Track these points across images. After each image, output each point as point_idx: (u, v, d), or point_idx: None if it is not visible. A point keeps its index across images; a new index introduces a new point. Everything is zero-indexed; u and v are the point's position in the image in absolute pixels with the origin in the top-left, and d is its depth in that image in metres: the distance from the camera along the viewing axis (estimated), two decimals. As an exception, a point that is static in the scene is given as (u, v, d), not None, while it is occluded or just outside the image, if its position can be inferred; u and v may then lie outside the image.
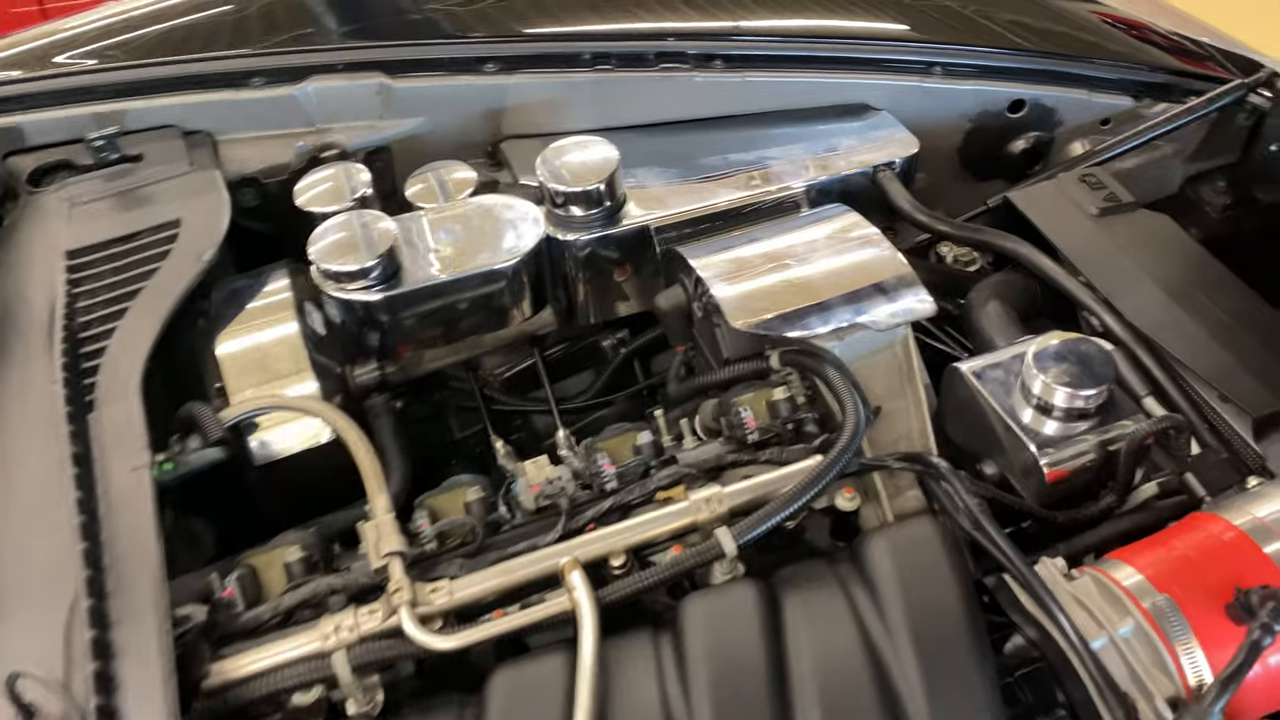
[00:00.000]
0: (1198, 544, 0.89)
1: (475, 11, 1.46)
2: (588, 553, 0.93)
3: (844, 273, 1.16)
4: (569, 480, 1.02)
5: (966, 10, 1.53)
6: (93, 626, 0.81)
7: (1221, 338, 1.15)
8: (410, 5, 1.50)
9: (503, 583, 0.92)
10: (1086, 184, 1.33)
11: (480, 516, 0.99)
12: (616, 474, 1.01)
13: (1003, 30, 1.51)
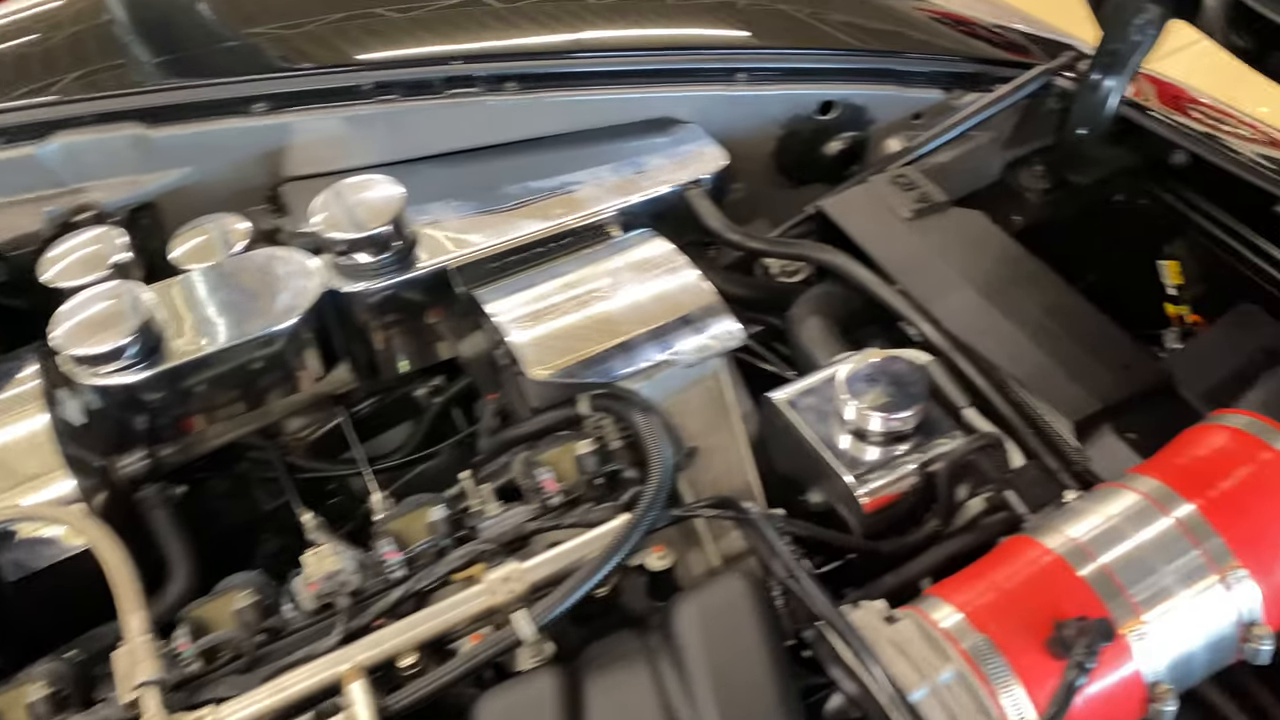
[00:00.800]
0: (1015, 573, 0.85)
1: (238, 48, 1.34)
2: (373, 655, 0.84)
3: (648, 306, 1.09)
4: (353, 572, 0.92)
5: (767, 10, 1.48)
6: None
7: (1038, 338, 1.12)
8: (165, 46, 1.36)
9: (276, 702, 0.81)
10: (898, 185, 1.29)
11: (252, 624, 0.88)
12: (405, 560, 0.92)
13: (807, 28, 1.46)
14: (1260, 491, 0.86)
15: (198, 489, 1.16)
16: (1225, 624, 0.83)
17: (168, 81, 1.28)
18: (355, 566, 0.92)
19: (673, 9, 1.46)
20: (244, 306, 1.10)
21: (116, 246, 1.16)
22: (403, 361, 1.25)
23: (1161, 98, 1.55)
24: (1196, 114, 1.56)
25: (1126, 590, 0.83)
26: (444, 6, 1.40)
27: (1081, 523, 0.87)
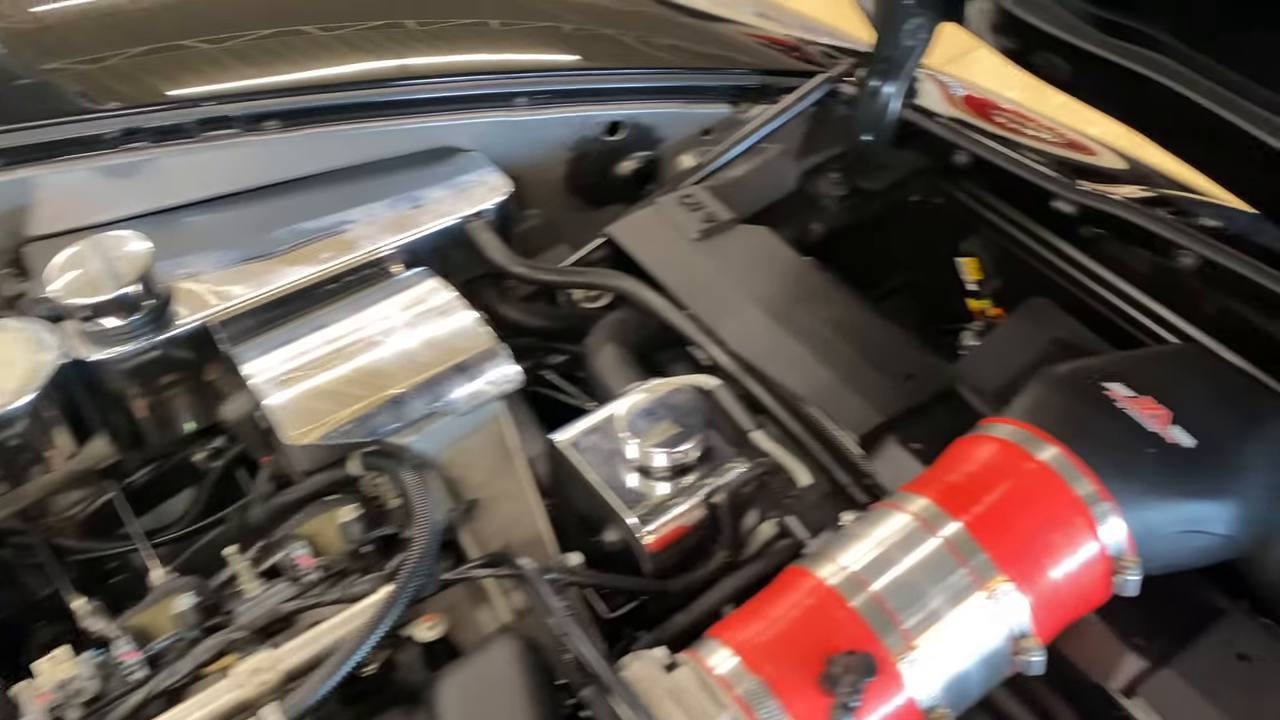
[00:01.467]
0: (789, 609, 0.83)
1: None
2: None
3: (421, 354, 1.03)
4: (89, 678, 0.84)
5: (548, 32, 1.44)
6: None
7: (824, 354, 1.11)
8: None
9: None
10: (685, 206, 1.27)
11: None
12: (147, 659, 0.85)
13: (589, 49, 1.42)
14: (1022, 504, 0.87)
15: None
16: (996, 640, 0.83)
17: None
18: (92, 671, 0.84)
19: (447, 34, 1.40)
20: None
21: None
22: (188, 423, 1.17)
23: (969, 105, 1.59)
24: (1000, 119, 1.60)
25: (897, 617, 0.82)
26: (198, 43, 1.31)
27: (853, 549, 0.86)
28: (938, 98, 1.56)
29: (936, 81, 1.60)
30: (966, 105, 1.61)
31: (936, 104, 1.52)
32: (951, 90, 1.61)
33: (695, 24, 1.58)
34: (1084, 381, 0.96)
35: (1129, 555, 0.85)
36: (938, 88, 1.59)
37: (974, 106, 1.62)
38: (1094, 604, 0.88)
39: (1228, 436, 0.93)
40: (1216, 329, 1.22)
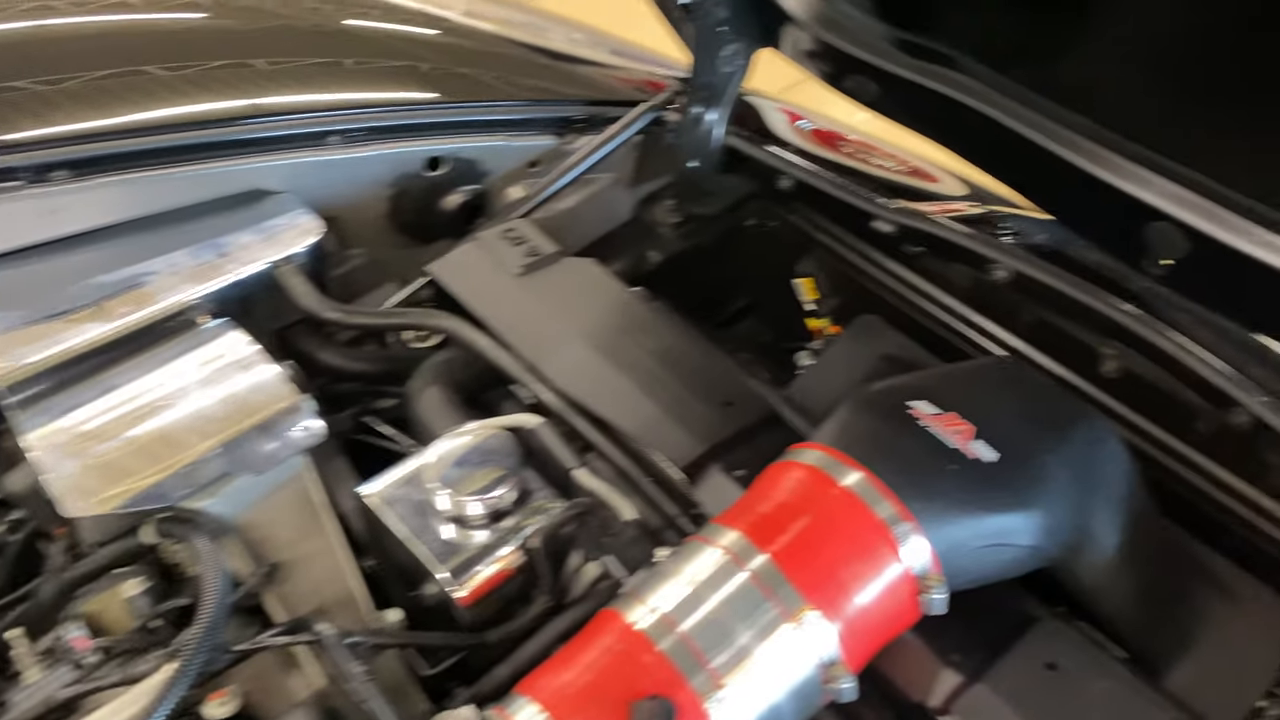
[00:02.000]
0: (598, 657, 0.81)
1: None
2: None
3: (216, 414, 0.98)
4: None
5: (363, 68, 1.40)
6: None
7: (648, 386, 1.10)
8: None
9: None
10: (508, 240, 1.25)
11: None
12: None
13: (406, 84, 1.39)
14: (827, 531, 0.86)
15: None
16: (805, 670, 0.82)
17: None
18: None
19: (255, 75, 1.35)
20: None
21: None
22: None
23: (818, 137, 1.61)
24: (847, 149, 1.63)
25: (704, 657, 0.80)
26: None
27: (663, 589, 0.84)
28: (786, 129, 1.58)
29: (786, 113, 1.63)
30: (814, 138, 1.64)
31: (786, 135, 1.54)
32: (800, 125, 1.64)
33: (519, 56, 1.56)
34: (889, 401, 0.96)
35: (933, 574, 0.86)
36: (787, 120, 1.62)
37: (822, 138, 1.65)
38: (904, 624, 0.88)
39: (1031, 449, 0.94)
40: (1033, 338, 1.26)
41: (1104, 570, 1.01)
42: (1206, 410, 1.12)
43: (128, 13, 1.49)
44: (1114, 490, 1.01)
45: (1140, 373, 1.17)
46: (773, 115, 1.60)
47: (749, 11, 1.29)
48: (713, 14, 1.27)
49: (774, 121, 1.60)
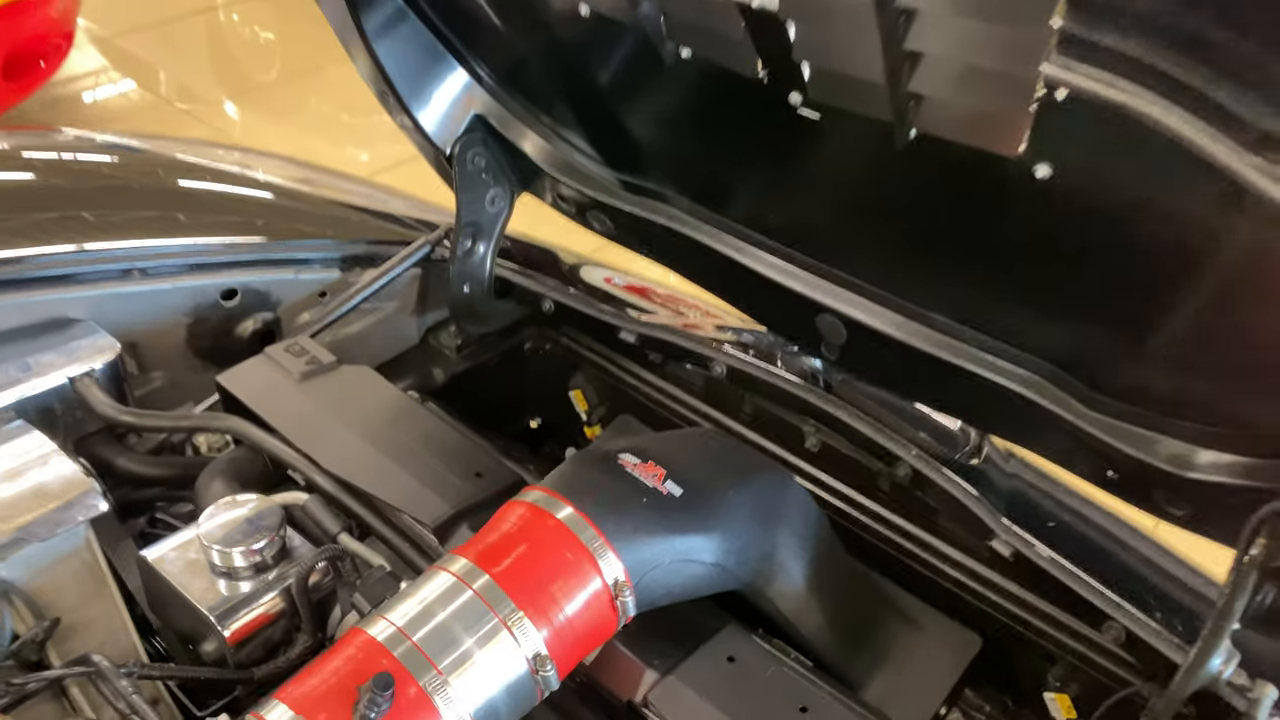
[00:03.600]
0: (342, 662, 0.95)
1: None
2: None
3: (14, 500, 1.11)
4: None
5: (166, 215, 1.60)
6: None
7: (409, 465, 1.28)
8: None
9: None
10: (291, 353, 1.43)
11: None
12: None
13: (205, 225, 1.59)
14: (540, 554, 1.05)
15: None
16: (519, 669, 0.99)
17: None
18: None
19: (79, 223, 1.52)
20: None
21: None
22: None
23: (630, 289, 1.88)
24: (657, 298, 1.90)
25: (433, 660, 0.96)
26: None
27: (400, 608, 1.00)
28: (601, 281, 1.85)
29: (602, 271, 1.90)
30: (628, 290, 1.91)
31: (602, 289, 1.81)
32: (614, 279, 1.91)
33: (310, 205, 1.79)
34: (601, 455, 1.17)
35: (624, 584, 1.05)
36: (603, 279, 1.89)
37: (634, 291, 1.92)
38: (607, 628, 1.06)
39: (711, 487, 1.16)
40: (751, 423, 1.51)
41: (796, 598, 1.22)
42: (879, 468, 1.37)
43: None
44: (797, 528, 1.23)
45: (833, 444, 1.43)
46: (592, 274, 1.88)
47: (505, 161, 1.55)
48: (474, 163, 1.53)
49: (593, 278, 1.87)
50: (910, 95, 0.92)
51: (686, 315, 1.93)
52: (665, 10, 1.07)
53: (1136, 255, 0.94)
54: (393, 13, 1.38)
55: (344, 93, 5.14)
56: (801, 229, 1.35)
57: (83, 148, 1.81)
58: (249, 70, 5.75)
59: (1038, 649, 1.29)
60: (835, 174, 1.20)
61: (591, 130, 1.45)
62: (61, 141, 1.87)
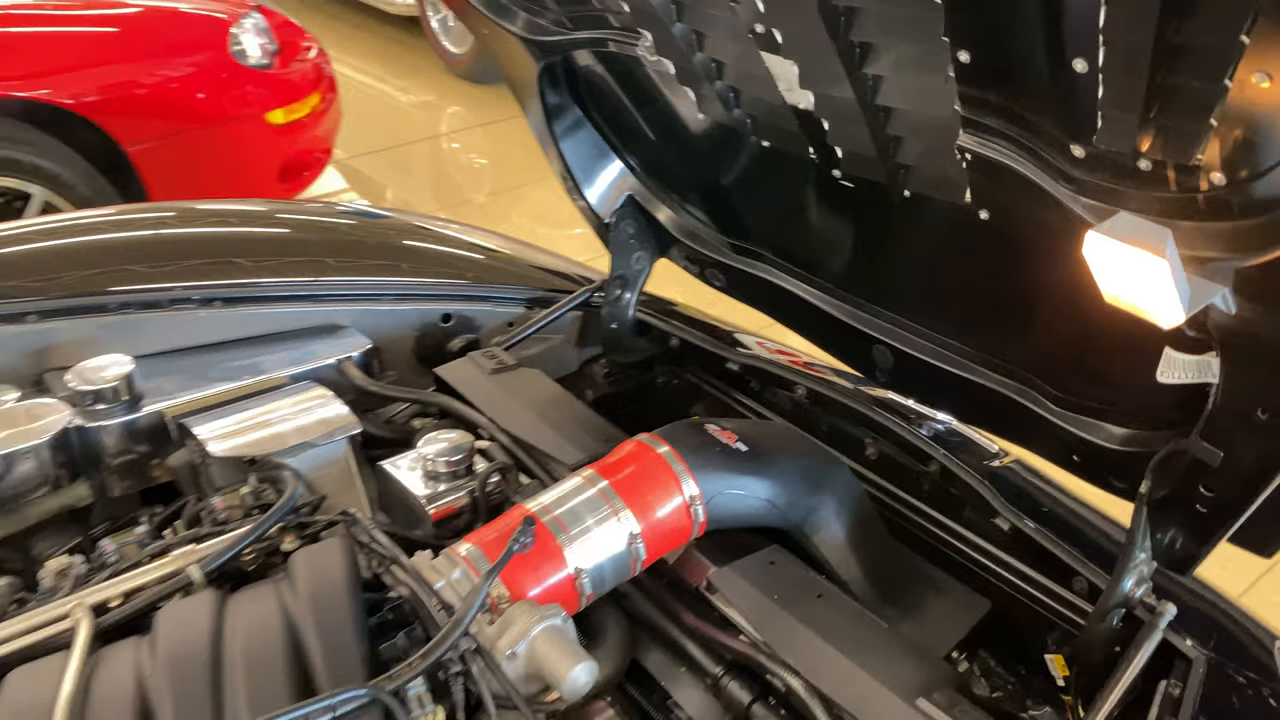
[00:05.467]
0: (508, 522, 1.44)
1: (22, 278, 1.91)
2: (95, 599, 1.31)
3: (302, 420, 1.68)
4: (80, 565, 1.40)
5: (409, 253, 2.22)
6: None
7: (557, 428, 1.77)
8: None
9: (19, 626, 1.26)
10: (486, 356, 1.98)
11: (6, 592, 1.34)
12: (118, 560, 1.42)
13: (434, 267, 2.20)
14: (642, 472, 1.52)
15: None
16: (620, 545, 1.45)
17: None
18: (81, 561, 1.40)
19: (341, 250, 2.16)
20: (19, 431, 1.60)
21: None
22: (130, 481, 1.74)
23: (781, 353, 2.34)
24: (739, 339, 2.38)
25: (565, 526, 1.44)
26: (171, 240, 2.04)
27: (547, 495, 1.49)
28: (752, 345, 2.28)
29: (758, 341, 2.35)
30: (779, 353, 2.36)
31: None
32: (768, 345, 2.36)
33: (505, 260, 2.38)
34: (695, 422, 1.65)
35: (698, 499, 1.50)
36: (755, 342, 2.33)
37: (769, 351, 2.39)
38: (685, 531, 1.51)
39: (769, 449, 1.61)
40: (826, 438, 1.93)
41: (836, 549, 1.63)
42: (918, 468, 1.77)
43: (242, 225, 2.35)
44: (840, 496, 1.65)
45: (887, 452, 1.84)
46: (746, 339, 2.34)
47: (648, 230, 2.09)
48: (625, 231, 2.07)
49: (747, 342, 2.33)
50: (899, 165, 1.39)
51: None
52: (751, 114, 1.58)
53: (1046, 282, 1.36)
54: (574, 121, 1.96)
55: (540, 208, 5.98)
56: (853, 276, 1.81)
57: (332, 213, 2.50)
58: (463, 190, 6.67)
59: (1037, 617, 1.63)
60: (868, 230, 1.67)
61: (708, 205, 1.97)
62: (327, 209, 2.56)
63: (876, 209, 1.55)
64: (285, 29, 4.37)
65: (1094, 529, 1.66)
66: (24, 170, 3.62)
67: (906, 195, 1.44)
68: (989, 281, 1.48)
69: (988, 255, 1.43)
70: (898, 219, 1.53)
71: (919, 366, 1.71)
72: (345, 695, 1.14)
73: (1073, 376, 1.48)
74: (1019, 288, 1.43)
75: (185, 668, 1.19)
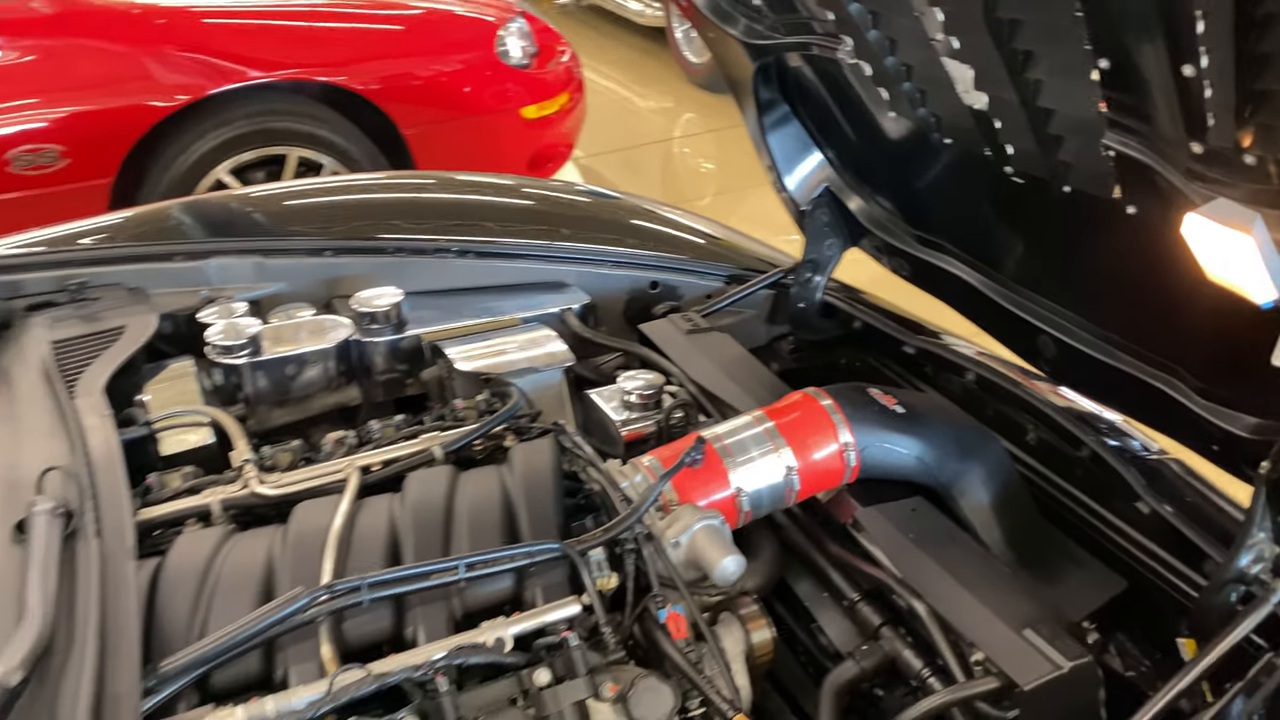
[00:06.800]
0: (680, 443, 1.72)
1: (321, 223, 2.37)
2: (362, 463, 1.68)
3: (529, 351, 2.03)
4: (352, 438, 1.78)
5: (623, 235, 2.54)
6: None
7: (738, 382, 2.03)
8: (278, 218, 2.40)
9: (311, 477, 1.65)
10: (683, 318, 2.26)
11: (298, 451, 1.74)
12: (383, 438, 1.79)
13: (649, 240, 2.51)
14: (805, 418, 1.74)
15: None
16: (779, 476, 1.69)
17: (278, 236, 2.29)
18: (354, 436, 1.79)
19: (573, 221, 2.51)
20: (304, 338, 2.03)
21: (241, 309, 2.10)
22: (389, 390, 2.14)
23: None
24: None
25: (733, 454, 1.69)
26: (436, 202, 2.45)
27: (721, 427, 1.75)
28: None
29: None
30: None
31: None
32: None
33: (712, 241, 2.66)
34: (860, 385, 1.86)
35: (852, 446, 1.71)
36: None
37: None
38: (838, 474, 1.73)
39: (925, 414, 1.80)
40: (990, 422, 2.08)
41: (980, 513, 1.80)
42: (1072, 453, 1.90)
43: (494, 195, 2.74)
44: (990, 466, 1.82)
45: (1045, 438, 1.98)
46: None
47: (841, 219, 2.31)
48: (819, 218, 2.30)
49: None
50: (1060, 162, 1.55)
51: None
52: (935, 114, 1.78)
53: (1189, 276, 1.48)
54: (782, 116, 2.22)
55: (758, 212, 6.24)
56: (1021, 268, 1.96)
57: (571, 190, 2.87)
58: (688, 193, 7.04)
59: (1174, 602, 1.73)
60: (1035, 224, 1.82)
61: (896, 198, 2.17)
62: (566, 186, 2.94)
63: (1042, 205, 1.71)
64: (544, 34, 4.86)
65: (1235, 523, 1.74)
66: (320, 144, 4.27)
67: (1066, 191, 1.60)
68: (1139, 275, 1.62)
69: (1136, 249, 1.57)
70: (1060, 214, 1.69)
71: (1078, 356, 1.85)
72: (542, 546, 1.45)
73: (1213, 367, 1.59)
74: (1165, 281, 1.55)
75: (425, 515, 1.53)
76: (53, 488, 1.45)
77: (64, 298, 2.09)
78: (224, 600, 1.37)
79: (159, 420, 1.79)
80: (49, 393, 1.74)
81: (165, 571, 1.41)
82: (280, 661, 1.33)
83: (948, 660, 1.48)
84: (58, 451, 1.57)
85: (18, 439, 1.63)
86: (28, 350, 1.91)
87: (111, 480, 1.50)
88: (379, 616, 1.39)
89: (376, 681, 1.24)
